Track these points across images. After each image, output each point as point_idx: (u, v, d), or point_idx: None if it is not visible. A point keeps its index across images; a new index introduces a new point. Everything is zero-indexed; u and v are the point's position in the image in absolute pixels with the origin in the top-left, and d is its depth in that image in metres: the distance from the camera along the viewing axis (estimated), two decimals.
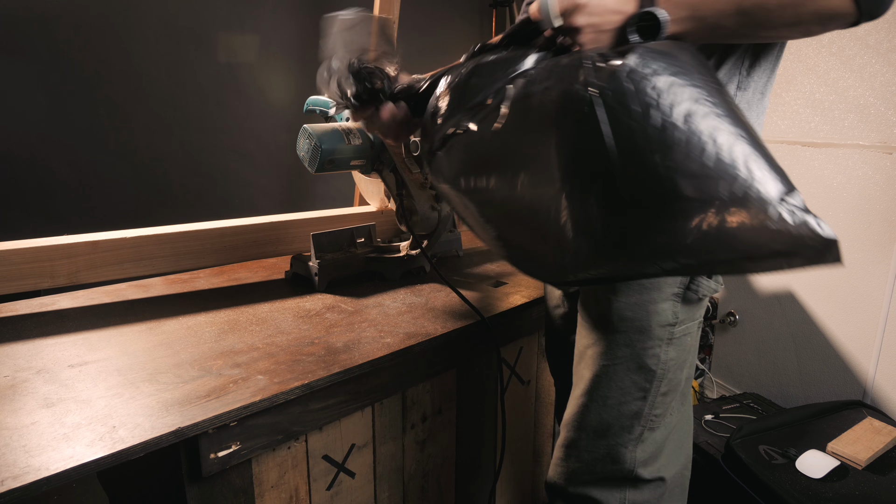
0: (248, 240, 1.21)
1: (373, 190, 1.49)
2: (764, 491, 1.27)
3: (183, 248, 1.14)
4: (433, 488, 1.24)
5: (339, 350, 0.95)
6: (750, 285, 2.15)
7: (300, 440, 0.95)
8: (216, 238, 1.16)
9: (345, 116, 1.33)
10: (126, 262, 1.10)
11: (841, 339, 1.85)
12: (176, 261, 1.14)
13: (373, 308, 1.16)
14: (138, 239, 1.11)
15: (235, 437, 0.82)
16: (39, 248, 1.06)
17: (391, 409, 1.10)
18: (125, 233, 1.12)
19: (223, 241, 1.17)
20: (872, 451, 1.35)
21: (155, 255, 1.12)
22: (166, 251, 1.13)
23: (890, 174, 1.68)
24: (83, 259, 1.07)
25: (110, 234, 1.11)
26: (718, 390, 2.30)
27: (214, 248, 1.17)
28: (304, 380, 0.85)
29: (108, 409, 0.76)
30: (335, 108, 0.89)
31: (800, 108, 1.91)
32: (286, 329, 1.04)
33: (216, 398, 0.78)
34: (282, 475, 0.94)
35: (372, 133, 1.23)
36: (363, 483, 1.08)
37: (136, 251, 1.10)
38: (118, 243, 1.09)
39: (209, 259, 1.17)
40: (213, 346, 0.96)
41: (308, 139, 1.20)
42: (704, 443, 1.66)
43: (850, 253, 1.80)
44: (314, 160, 1.19)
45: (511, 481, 1.46)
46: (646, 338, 0.85)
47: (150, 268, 1.12)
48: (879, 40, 1.66)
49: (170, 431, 0.71)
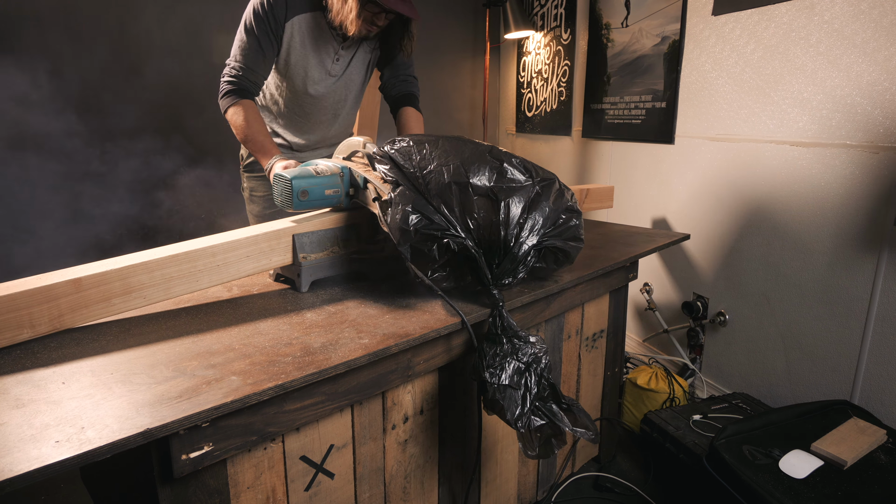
0: (241, 255, 1.17)
1: None
2: (746, 491, 1.27)
3: (175, 273, 1.09)
4: (415, 489, 1.24)
5: (315, 351, 0.95)
6: (739, 285, 2.15)
7: (277, 441, 0.95)
8: (209, 258, 1.12)
9: (313, 164, 1.36)
10: (114, 298, 1.02)
11: (829, 339, 1.85)
12: (166, 288, 1.08)
13: (354, 309, 1.16)
14: (125, 270, 1.02)
15: (208, 438, 0.81)
16: (13, 295, 0.91)
17: (371, 410, 1.10)
18: (109, 263, 1.02)
19: (215, 259, 1.13)
20: (857, 451, 1.35)
21: (145, 286, 1.05)
22: (156, 279, 1.06)
23: (876, 173, 1.68)
24: (65, 301, 1.00)
25: (92, 266, 1.03)
26: (709, 390, 2.30)
27: (208, 268, 1.13)
28: (277, 381, 0.85)
29: (78, 410, 0.76)
30: None
31: (788, 108, 1.90)
32: (264, 330, 1.04)
33: (187, 399, 0.78)
34: (258, 476, 0.94)
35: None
36: (343, 483, 1.08)
37: (123, 283, 1.02)
38: (103, 278, 0.99)
39: (202, 281, 1.12)
40: (190, 347, 0.96)
41: (279, 180, 1.27)
42: (692, 443, 1.66)
43: (837, 252, 1.80)
44: (289, 196, 1.24)
45: (496, 482, 1.46)
46: None
47: (140, 299, 1.04)
48: (866, 39, 1.66)
49: (138, 432, 0.70)
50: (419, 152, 1.21)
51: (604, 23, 2.72)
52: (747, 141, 2.05)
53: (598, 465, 1.87)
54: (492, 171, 1.21)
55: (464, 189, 1.16)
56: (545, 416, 1.09)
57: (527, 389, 1.09)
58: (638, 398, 2.04)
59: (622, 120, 2.66)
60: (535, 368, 1.11)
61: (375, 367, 1.03)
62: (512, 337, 1.12)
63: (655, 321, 2.56)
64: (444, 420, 1.26)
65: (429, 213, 1.12)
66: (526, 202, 1.19)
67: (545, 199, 1.22)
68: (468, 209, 1.15)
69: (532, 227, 1.19)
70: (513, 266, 1.17)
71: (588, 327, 1.67)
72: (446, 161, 1.19)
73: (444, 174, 1.17)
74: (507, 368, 1.09)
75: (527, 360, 1.11)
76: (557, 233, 1.24)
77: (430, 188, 1.15)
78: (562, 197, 1.27)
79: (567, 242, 1.26)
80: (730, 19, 2.07)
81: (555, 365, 1.57)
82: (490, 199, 1.17)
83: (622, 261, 1.55)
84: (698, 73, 2.23)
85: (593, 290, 1.59)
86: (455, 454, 1.31)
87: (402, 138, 1.27)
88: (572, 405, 1.13)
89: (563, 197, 1.28)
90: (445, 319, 1.10)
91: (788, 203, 1.94)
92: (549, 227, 1.23)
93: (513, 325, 1.14)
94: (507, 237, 1.16)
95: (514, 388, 1.08)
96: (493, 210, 1.16)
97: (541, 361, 1.12)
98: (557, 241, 1.24)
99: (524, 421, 1.06)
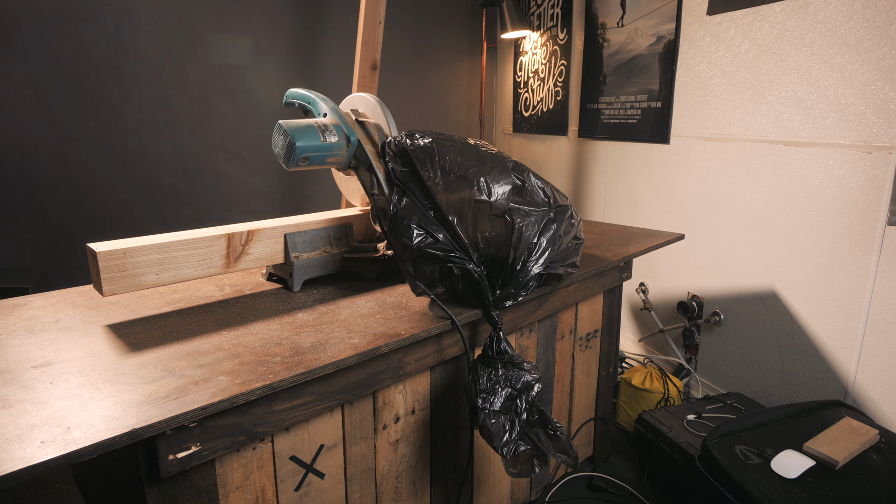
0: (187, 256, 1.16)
1: (353, 188, 1.48)
2: (738, 491, 1.27)
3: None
4: (407, 489, 1.24)
5: (305, 350, 0.95)
6: (734, 285, 2.15)
7: (266, 441, 0.95)
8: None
9: (322, 112, 1.32)
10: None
11: (823, 339, 1.86)
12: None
13: (345, 308, 1.16)
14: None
15: (195, 439, 0.81)
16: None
17: (362, 410, 1.10)
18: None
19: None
20: (848, 451, 1.35)
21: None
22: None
23: (870, 174, 1.68)
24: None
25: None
26: (704, 390, 2.30)
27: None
28: (265, 380, 0.85)
29: (65, 410, 0.76)
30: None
31: (782, 108, 1.91)
32: (255, 329, 1.04)
33: (174, 399, 0.78)
34: (247, 476, 0.94)
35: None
36: (333, 483, 1.08)
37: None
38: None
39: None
40: (180, 347, 0.96)
41: (283, 136, 1.19)
42: (685, 443, 1.66)
43: (832, 253, 1.80)
44: (289, 157, 1.19)
45: (489, 481, 1.46)
46: None
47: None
48: (860, 39, 1.66)
49: (123, 433, 0.70)
50: (442, 157, 1.15)
51: (600, 22, 2.72)
52: (742, 141, 2.05)
53: (593, 465, 1.87)
54: (514, 188, 1.16)
55: (483, 207, 1.12)
56: (531, 441, 1.09)
57: (516, 415, 1.09)
58: (632, 398, 2.04)
59: (618, 120, 2.66)
60: (526, 395, 1.11)
61: (365, 367, 1.03)
62: (507, 362, 1.12)
63: (651, 321, 2.56)
64: (436, 420, 1.26)
65: (434, 231, 1.09)
66: (539, 227, 1.16)
67: (557, 226, 1.19)
68: (481, 227, 1.11)
69: (541, 253, 1.16)
70: (516, 291, 1.15)
71: (582, 327, 1.67)
72: (469, 174, 1.14)
73: (465, 188, 1.12)
74: (500, 394, 1.09)
75: (520, 387, 1.11)
76: (560, 259, 1.23)
77: (451, 201, 1.11)
78: (571, 225, 1.25)
79: (566, 269, 1.26)
80: (724, 19, 2.07)
81: (549, 365, 1.57)
82: (504, 220, 1.13)
83: (616, 261, 1.55)
84: (693, 72, 2.23)
85: (587, 290, 1.59)
86: (447, 454, 1.31)
87: (424, 135, 1.20)
88: (558, 431, 1.12)
89: (572, 225, 1.25)
90: (437, 319, 1.10)
91: (783, 203, 1.94)
92: (556, 255, 1.20)
93: (509, 350, 1.14)
94: (515, 261, 1.13)
95: (505, 415, 1.08)
96: (504, 230, 1.12)
97: (532, 388, 1.12)
98: (559, 267, 1.23)
99: (511, 448, 1.06)
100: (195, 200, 2.78)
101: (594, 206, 2.91)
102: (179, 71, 2.62)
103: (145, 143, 2.60)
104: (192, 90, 2.67)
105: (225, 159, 2.78)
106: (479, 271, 1.11)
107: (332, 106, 1.31)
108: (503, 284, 1.14)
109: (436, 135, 1.21)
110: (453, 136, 1.23)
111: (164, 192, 2.69)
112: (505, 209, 1.13)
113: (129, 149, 2.57)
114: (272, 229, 1.24)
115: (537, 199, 1.18)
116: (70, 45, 2.37)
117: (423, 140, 1.17)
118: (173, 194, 2.72)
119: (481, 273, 1.11)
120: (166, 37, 2.55)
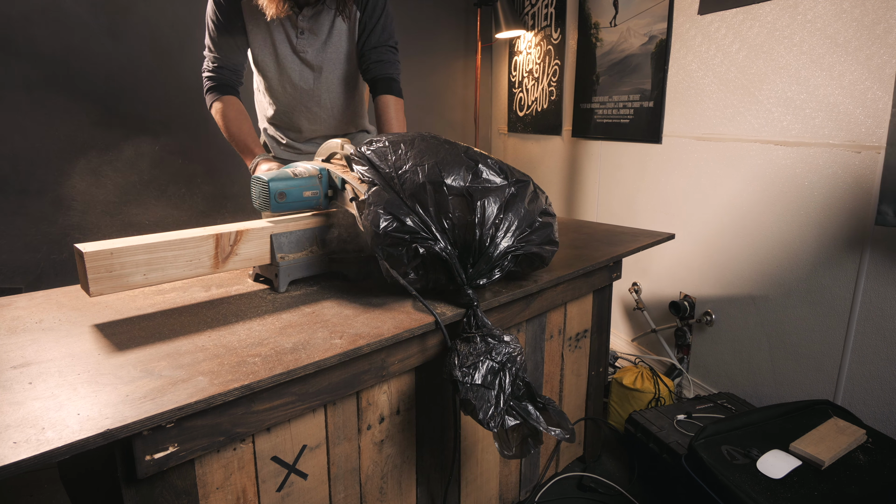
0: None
1: None
2: (723, 491, 1.27)
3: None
4: (392, 489, 1.24)
5: (286, 351, 0.95)
6: (725, 284, 2.15)
7: (246, 441, 0.95)
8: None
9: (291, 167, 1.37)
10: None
11: (812, 339, 1.86)
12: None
13: (330, 309, 1.16)
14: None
15: (173, 439, 0.81)
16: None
17: (345, 411, 1.10)
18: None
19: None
20: (835, 451, 1.35)
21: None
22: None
23: (858, 173, 1.68)
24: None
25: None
26: (696, 390, 2.30)
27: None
28: (244, 381, 0.84)
29: (41, 410, 0.75)
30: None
31: (772, 107, 1.90)
32: (238, 330, 1.04)
33: (151, 400, 0.78)
34: (227, 476, 0.94)
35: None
36: (317, 484, 1.08)
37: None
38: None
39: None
40: (161, 348, 0.96)
41: (258, 183, 1.28)
42: (674, 443, 1.66)
43: (821, 252, 1.80)
44: (266, 198, 1.25)
45: (477, 482, 1.46)
46: None
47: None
48: (848, 38, 1.66)
49: (98, 433, 0.70)
50: (395, 152, 1.21)
51: (593, 22, 2.72)
52: (733, 140, 2.05)
53: (583, 465, 1.87)
54: (467, 171, 1.20)
55: (438, 189, 1.16)
56: (519, 415, 1.09)
57: (501, 389, 1.09)
58: (623, 398, 2.04)
59: (611, 119, 2.66)
60: (510, 368, 1.11)
61: (348, 367, 1.03)
62: (486, 336, 1.12)
63: (644, 321, 2.57)
64: (422, 420, 1.26)
65: (401, 215, 1.12)
66: (501, 203, 1.19)
67: (520, 201, 1.22)
68: (443, 209, 1.15)
69: (508, 227, 1.19)
70: (488, 267, 1.17)
71: (571, 327, 1.67)
72: (421, 161, 1.19)
73: (418, 174, 1.16)
74: (481, 367, 1.09)
75: (501, 360, 1.11)
76: (534, 236, 1.24)
77: (406, 188, 1.15)
78: (537, 199, 1.27)
79: (542, 247, 1.26)
80: (715, 18, 2.07)
81: (537, 365, 1.57)
82: (465, 199, 1.17)
83: (604, 260, 1.55)
84: (685, 72, 2.23)
85: (576, 290, 1.59)
86: (433, 454, 1.31)
87: (379, 138, 1.27)
88: (548, 405, 1.12)
89: (538, 199, 1.28)
90: (420, 319, 1.10)
91: (773, 203, 1.94)
92: (526, 230, 1.22)
93: (487, 323, 1.14)
94: (483, 237, 1.16)
95: (488, 388, 1.08)
96: (468, 210, 1.16)
97: (516, 361, 1.12)
98: (533, 245, 1.24)
99: (497, 421, 1.06)
100: (190, 200, 2.78)
101: (588, 205, 2.91)
102: (173, 71, 2.62)
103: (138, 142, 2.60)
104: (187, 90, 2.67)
105: (220, 159, 2.78)
106: (448, 250, 1.13)
107: (301, 161, 1.41)
108: (475, 262, 1.16)
109: (393, 135, 1.28)
110: (412, 136, 1.27)
111: (157, 191, 2.69)
112: (463, 189, 1.17)
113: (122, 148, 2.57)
114: (261, 229, 1.25)
115: (493, 178, 1.22)
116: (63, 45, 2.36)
117: (378, 143, 1.25)
118: (167, 194, 2.72)
119: (451, 252, 1.14)
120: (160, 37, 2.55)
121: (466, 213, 1.16)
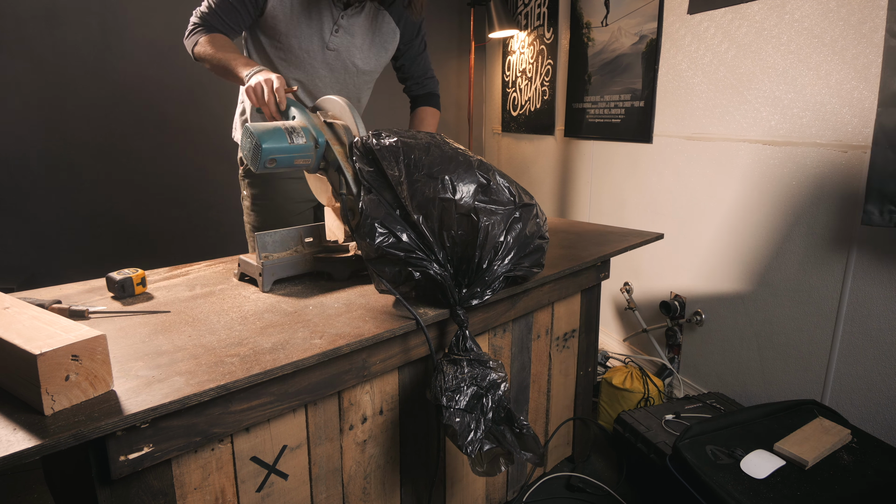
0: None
1: (322, 187, 1.48)
2: (706, 491, 1.27)
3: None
4: (376, 489, 1.24)
5: (265, 351, 0.95)
6: (715, 284, 2.16)
7: (225, 441, 0.95)
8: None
9: (291, 115, 1.33)
10: None
11: (800, 338, 1.86)
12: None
13: (312, 308, 1.15)
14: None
15: (147, 440, 0.81)
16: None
17: (326, 411, 1.10)
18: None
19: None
20: (819, 451, 1.35)
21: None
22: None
23: (845, 173, 1.68)
24: None
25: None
26: (686, 389, 2.31)
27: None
28: (220, 381, 0.84)
29: (12, 410, 0.75)
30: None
31: (760, 107, 1.91)
32: (218, 330, 1.04)
33: (126, 400, 0.78)
34: (205, 477, 0.93)
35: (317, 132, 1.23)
36: (298, 484, 1.08)
37: None
38: None
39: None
40: (139, 348, 0.96)
41: (249, 138, 1.20)
42: (662, 443, 1.66)
43: (808, 251, 1.81)
44: (256, 159, 1.19)
45: (463, 482, 1.46)
46: None
47: None
48: (835, 38, 1.67)
49: (69, 434, 0.70)
50: (407, 156, 1.15)
51: (584, 21, 2.72)
52: (722, 140, 2.05)
53: (572, 465, 1.87)
54: (479, 187, 1.15)
55: (448, 205, 1.11)
56: (496, 439, 1.09)
57: (483, 414, 1.09)
58: (613, 398, 2.04)
59: (602, 119, 2.66)
60: (492, 394, 1.11)
61: (328, 367, 1.03)
62: (473, 360, 1.12)
63: (636, 321, 2.57)
64: (406, 420, 1.26)
65: (397, 230, 1.08)
66: (505, 227, 1.15)
67: (523, 225, 1.19)
68: (447, 226, 1.11)
69: (507, 252, 1.16)
70: (482, 289, 1.15)
71: (559, 327, 1.67)
72: (433, 172, 1.13)
73: (430, 186, 1.11)
74: (466, 392, 1.08)
75: (486, 385, 1.10)
76: (526, 260, 1.23)
77: (416, 199, 1.11)
78: (537, 224, 1.24)
79: (531, 269, 1.26)
80: (705, 18, 2.07)
81: (524, 365, 1.57)
82: (470, 218, 1.12)
83: (591, 260, 1.55)
84: (675, 72, 2.23)
85: (563, 290, 1.59)
86: (418, 455, 1.31)
87: (391, 134, 1.20)
88: (524, 430, 1.11)
89: (538, 224, 1.25)
90: (402, 319, 1.10)
91: (761, 202, 1.94)
92: (521, 254, 1.20)
93: (475, 348, 1.13)
94: (482, 260, 1.13)
95: (470, 413, 1.08)
96: (470, 229, 1.12)
97: (499, 387, 1.11)
98: (522, 269, 1.22)
99: (475, 447, 1.06)
100: (183, 200, 2.77)
101: (580, 205, 2.91)
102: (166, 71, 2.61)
103: (132, 142, 2.60)
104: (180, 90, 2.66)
105: (214, 160, 2.78)
106: (442, 273, 1.10)
107: (302, 108, 1.31)
108: (469, 283, 1.14)
109: (402, 133, 1.21)
110: (417, 134, 1.23)
111: (151, 192, 2.68)
112: (470, 208, 1.12)
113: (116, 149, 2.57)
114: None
115: (503, 198, 1.17)
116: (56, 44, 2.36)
117: (389, 139, 1.17)
118: (161, 194, 2.71)
119: (444, 275, 1.11)
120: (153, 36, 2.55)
121: (469, 232, 1.11)
